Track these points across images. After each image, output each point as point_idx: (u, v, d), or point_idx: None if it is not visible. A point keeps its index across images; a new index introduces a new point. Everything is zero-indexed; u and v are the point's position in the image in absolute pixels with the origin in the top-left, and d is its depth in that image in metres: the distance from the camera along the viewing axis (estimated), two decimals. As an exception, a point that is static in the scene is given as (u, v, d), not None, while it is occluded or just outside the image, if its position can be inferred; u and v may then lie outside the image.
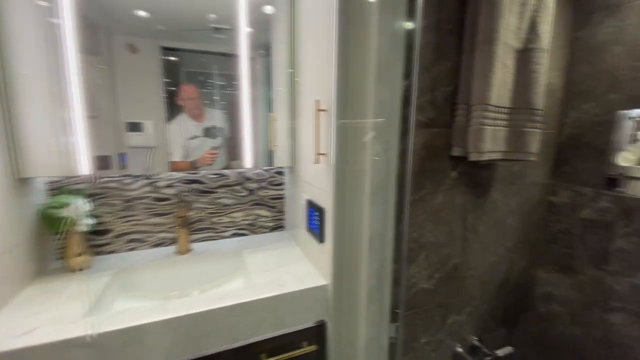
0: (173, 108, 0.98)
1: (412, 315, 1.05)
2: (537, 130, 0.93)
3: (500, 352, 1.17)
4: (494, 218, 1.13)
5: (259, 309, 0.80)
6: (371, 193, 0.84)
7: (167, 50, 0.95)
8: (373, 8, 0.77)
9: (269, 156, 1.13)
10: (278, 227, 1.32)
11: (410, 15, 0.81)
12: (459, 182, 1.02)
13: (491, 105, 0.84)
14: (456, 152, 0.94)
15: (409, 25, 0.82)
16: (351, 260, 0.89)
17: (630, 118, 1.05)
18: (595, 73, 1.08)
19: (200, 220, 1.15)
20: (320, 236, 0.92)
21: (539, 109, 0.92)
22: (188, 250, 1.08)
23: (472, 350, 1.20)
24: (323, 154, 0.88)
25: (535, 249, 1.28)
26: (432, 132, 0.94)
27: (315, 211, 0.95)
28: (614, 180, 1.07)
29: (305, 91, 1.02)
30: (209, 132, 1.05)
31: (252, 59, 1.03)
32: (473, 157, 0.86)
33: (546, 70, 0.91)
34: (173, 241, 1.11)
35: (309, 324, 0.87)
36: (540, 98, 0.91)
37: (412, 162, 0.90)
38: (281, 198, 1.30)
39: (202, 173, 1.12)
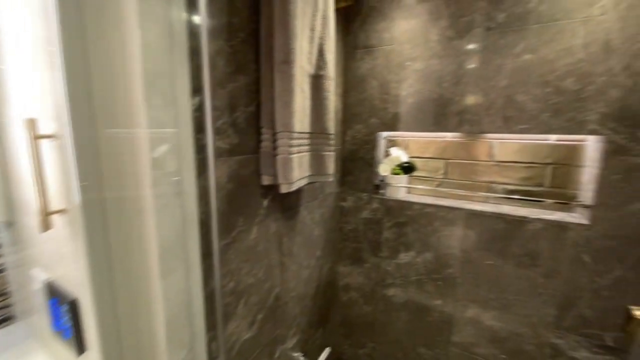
0: None
1: (238, 374, 0.88)
2: (332, 153, 0.99)
3: (321, 358, 1.24)
4: (304, 234, 1.16)
5: None
6: (160, 257, 0.58)
7: None
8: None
9: None
10: (3, 320, 0.75)
11: (191, 7, 0.60)
12: (272, 209, 0.94)
13: (295, 132, 0.79)
14: (266, 181, 0.84)
15: (190, 18, 0.60)
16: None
17: (384, 138, 1.36)
18: (361, 100, 1.32)
19: None
20: (77, 344, 0.56)
21: (331, 133, 0.97)
22: None
23: (299, 367, 1.21)
24: (59, 212, 0.51)
25: (335, 249, 1.46)
26: (237, 160, 0.78)
27: (61, 304, 0.56)
28: (378, 186, 1.36)
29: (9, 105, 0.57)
30: None
31: None
32: (284, 190, 0.79)
33: (333, 97, 0.97)
34: None
35: None
36: (331, 123, 0.97)
37: (217, 201, 0.71)
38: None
39: None
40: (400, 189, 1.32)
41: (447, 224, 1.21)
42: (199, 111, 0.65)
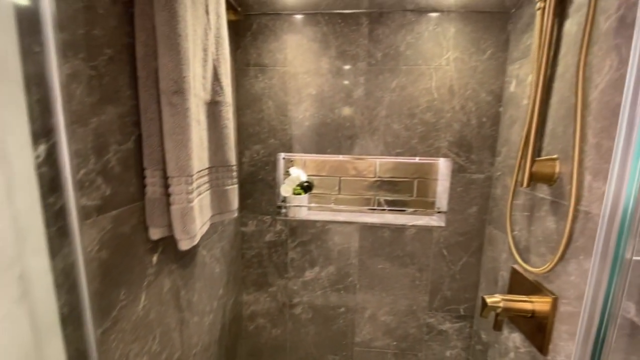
0: None
1: None
2: (235, 185, 0.90)
3: (234, 403, 1.13)
4: (204, 277, 1.01)
5: None
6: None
7: None
8: None
9: None
10: None
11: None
12: (164, 264, 0.77)
13: (194, 174, 0.66)
14: (156, 234, 0.67)
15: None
16: None
17: (283, 159, 1.35)
18: (258, 120, 1.25)
19: None
20: None
21: (233, 165, 0.88)
22: None
23: None
24: None
25: (238, 279, 1.35)
26: (112, 216, 0.59)
27: None
28: (281, 207, 1.34)
29: None
30: None
31: None
32: (185, 246, 0.65)
33: (232, 125, 0.88)
34: None
35: None
36: (233, 153, 0.87)
37: (87, 281, 0.51)
38: None
39: None
40: (302, 208, 1.34)
41: (345, 238, 1.31)
42: (47, 164, 0.45)
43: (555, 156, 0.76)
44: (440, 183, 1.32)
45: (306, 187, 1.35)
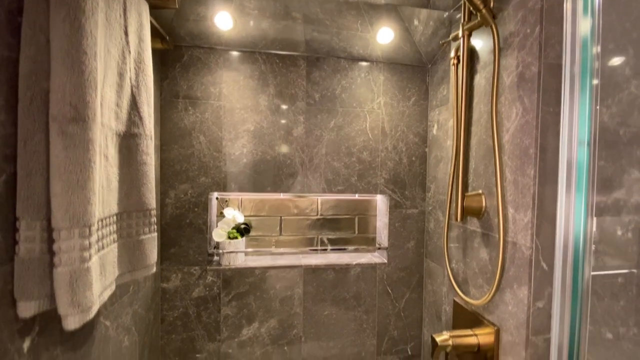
0: None
1: None
2: (154, 234, 0.74)
3: None
4: (107, 354, 0.77)
5: None
6: None
7: None
8: None
9: None
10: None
11: None
12: (42, 348, 0.55)
13: (94, 224, 0.51)
14: (29, 310, 0.48)
15: None
16: None
17: (217, 199, 1.21)
18: (186, 156, 1.12)
19: None
20: None
21: (152, 208, 0.73)
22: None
23: None
24: None
25: (155, 350, 1.09)
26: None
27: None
28: (213, 255, 1.17)
29: None
30: None
31: None
32: (73, 324, 0.47)
33: (153, 161, 0.75)
34: None
35: None
36: (153, 195, 0.73)
37: None
38: None
39: None
40: (238, 254, 1.19)
41: (288, 284, 1.20)
42: None
43: (480, 191, 0.83)
44: (379, 219, 1.35)
45: (243, 230, 1.22)
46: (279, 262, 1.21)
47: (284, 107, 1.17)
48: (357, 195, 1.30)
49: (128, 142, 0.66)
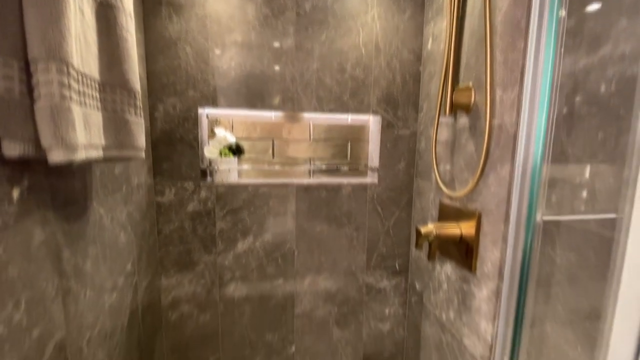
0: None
1: None
2: (142, 120, 0.74)
3: (150, 403, 0.92)
4: (103, 243, 0.80)
5: None
6: None
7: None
8: None
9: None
10: None
11: None
12: (32, 205, 0.57)
13: (73, 67, 0.50)
14: (13, 149, 0.48)
15: None
16: None
17: (206, 116, 1.20)
18: (173, 68, 1.09)
19: None
20: None
21: (136, 90, 0.72)
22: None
23: None
24: None
25: (153, 259, 1.14)
26: None
27: None
28: (206, 172, 1.18)
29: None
30: None
31: None
32: (58, 157, 0.48)
33: (133, 40, 0.72)
34: None
35: None
36: (136, 76, 0.71)
37: None
38: None
39: None
40: (231, 172, 1.21)
41: (280, 201, 1.23)
42: None
43: (470, 84, 0.83)
44: (371, 142, 1.35)
45: (235, 151, 1.23)
46: (271, 181, 1.23)
47: (273, 17, 1.12)
48: (349, 119, 1.29)
49: (106, 12, 0.63)
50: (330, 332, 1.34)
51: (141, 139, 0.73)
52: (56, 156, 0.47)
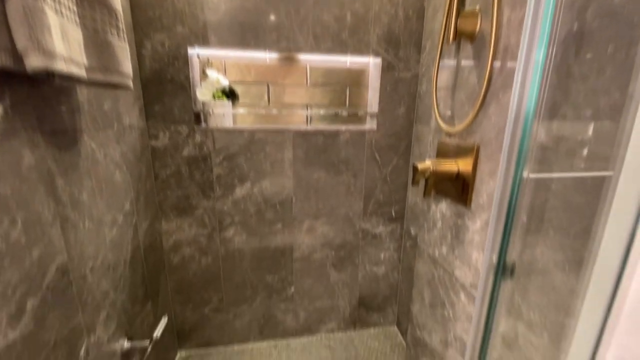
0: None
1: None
2: (126, 45, 0.69)
3: (157, 332, 0.98)
4: (98, 177, 0.80)
5: None
6: None
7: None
8: None
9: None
10: None
11: None
12: (18, 124, 0.55)
13: (41, -37, 0.45)
14: (-13, 55, 0.45)
15: None
16: None
17: (197, 56, 1.14)
18: (159, 0, 1.01)
19: None
20: None
21: (117, 11, 0.67)
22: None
23: (128, 355, 0.90)
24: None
25: (152, 203, 1.15)
26: None
27: None
28: (199, 115, 1.15)
29: None
30: None
31: None
32: (36, 62, 0.45)
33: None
34: None
35: None
36: (116, -4, 0.66)
37: None
38: None
39: None
40: (226, 117, 1.18)
41: (277, 147, 1.21)
42: None
43: (477, 7, 0.77)
44: (370, 87, 1.30)
45: (229, 94, 1.18)
46: (268, 127, 1.20)
47: (265, -61, 1.01)
48: (348, 62, 1.23)
49: None
50: (327, 274, 1.40)
51: (126, 65, 0.70)
52: (34, 61, 0.45)
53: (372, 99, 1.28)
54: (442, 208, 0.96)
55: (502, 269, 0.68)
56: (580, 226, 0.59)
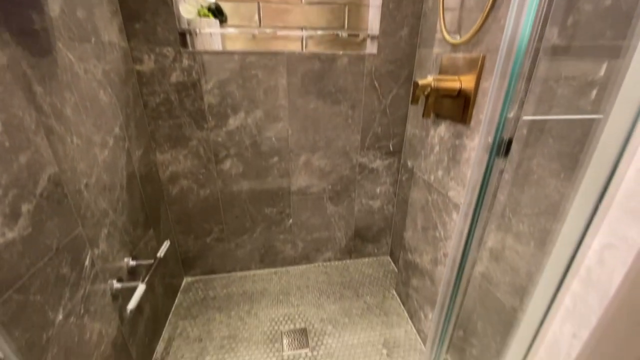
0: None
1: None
2: None
3: (161, 252, 1.03)
4: (81, 94, 0.76)
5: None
6: None
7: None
8: None
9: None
10: None
11: None
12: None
13: None
14: None
15: None
16: None
17: (176, -38, 1.01)
18: None
19: None
20: None
21: None
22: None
23: (133, 272, 0.95)
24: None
25: (144, 133, 1.12)
26: None
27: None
28: (185, 34, 1.06)
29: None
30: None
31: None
32: None
33: None
34: None
35: None
36: None
37: None
38: None
39: None
40: (213, 38, 1.09)
41: (270, 73, 1.14)
42: None
43: None
44: (372, 7, 1.18)
45: (215, 12, 1.08)
46: (259, 49, 1.12)
47: None
48: (347, -25, 1.09)
49: None
50: (324, 207, 1.43)
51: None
52: None
53: (372, 19, 1.17)
54: (441, 131, 0.94)
55: (497, 148, 0.66)
56: (580, 132, 0.57)
